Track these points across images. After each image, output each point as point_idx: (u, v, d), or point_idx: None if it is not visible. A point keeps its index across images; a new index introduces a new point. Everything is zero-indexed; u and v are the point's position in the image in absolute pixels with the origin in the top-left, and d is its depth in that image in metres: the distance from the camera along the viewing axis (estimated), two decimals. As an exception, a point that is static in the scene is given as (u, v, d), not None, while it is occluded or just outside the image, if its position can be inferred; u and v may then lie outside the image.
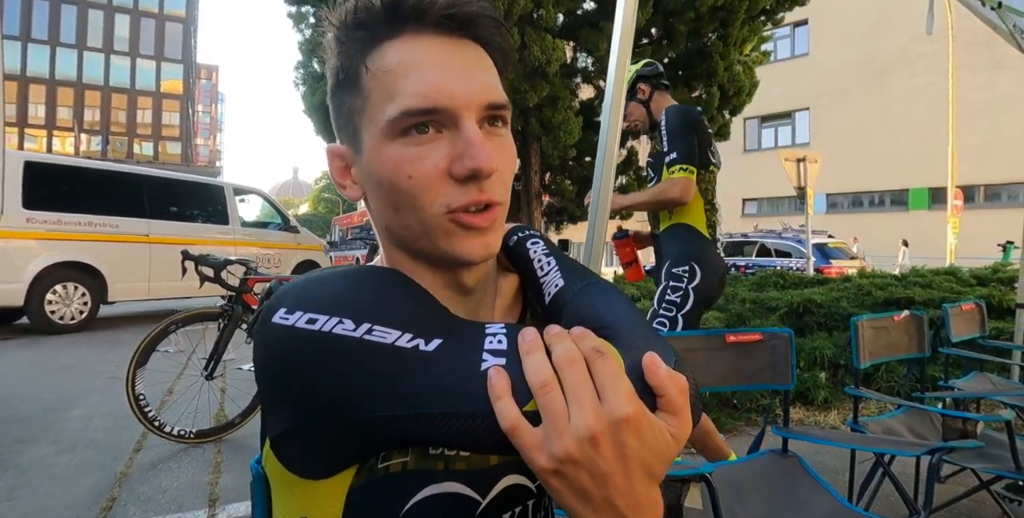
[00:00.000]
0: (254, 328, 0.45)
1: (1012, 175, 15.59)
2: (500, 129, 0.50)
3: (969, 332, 2.63)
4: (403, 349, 0.39)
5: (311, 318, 0.39)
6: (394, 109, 0.45)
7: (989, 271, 4.88)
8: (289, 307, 0.41)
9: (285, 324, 0.40)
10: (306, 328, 0.39)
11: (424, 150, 0.46)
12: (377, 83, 0.47)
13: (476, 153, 0.45)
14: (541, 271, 0.56)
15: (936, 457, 1.20)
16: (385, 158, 0.47)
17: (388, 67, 0.47)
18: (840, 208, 19.30)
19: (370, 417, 0.38)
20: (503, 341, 0.41)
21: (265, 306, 0.44)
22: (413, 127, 0.46)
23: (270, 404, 0.44)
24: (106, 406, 3.29)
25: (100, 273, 6.25)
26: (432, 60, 0.46)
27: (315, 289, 0.43)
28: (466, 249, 0.48)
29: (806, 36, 19.64)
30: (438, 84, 0.45)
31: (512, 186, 0.54)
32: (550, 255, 0.58)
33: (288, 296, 0.42)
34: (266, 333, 0.41)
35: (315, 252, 8.80)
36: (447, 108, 0.45)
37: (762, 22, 7.41)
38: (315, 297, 0.42)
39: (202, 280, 2.80)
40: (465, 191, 0.46)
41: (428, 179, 0.46)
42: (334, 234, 28.10)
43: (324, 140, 8.68)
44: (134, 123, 43.75)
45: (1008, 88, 15.46)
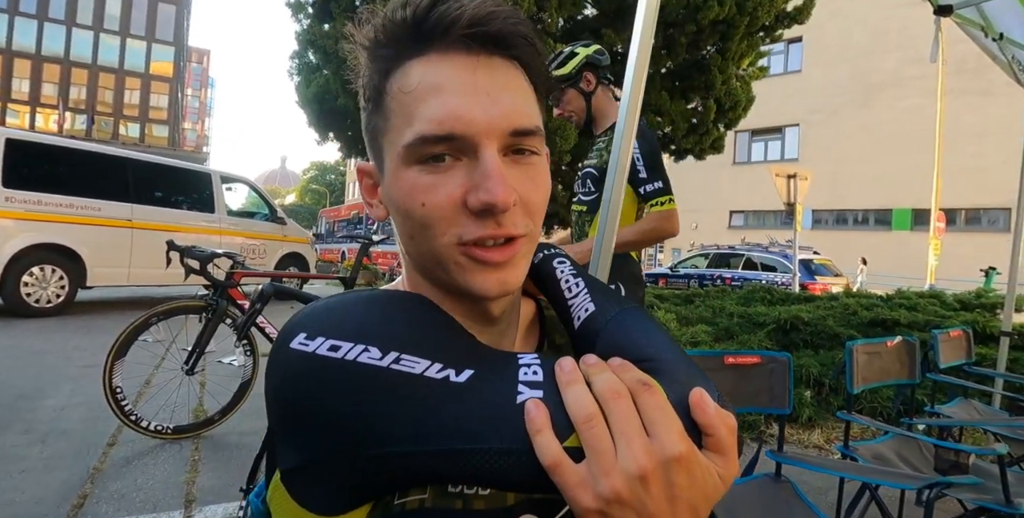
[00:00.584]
0: (270, 353, 0.41)
1: (993, 200, 15.93)
2: (528, 158, 0.47)
3: (956, 358, 2.66)
4: (433, 380, 0.37)
5: (334, 345, 0.37)
6: (410, 134, 0.43)
7: (972, 296, 4.96)
8: (310, 332, 0.38)
9: (305, 351, 0.37)
10: (328, 356, 0.37)
11: (439, 179, 0.44)
12: (398, 105, 0.45)
13: (491, 186, 0.42)
14: (569, 293, 0.54)
15: (934, 492, 1.20)
16: (401, 184, 0.45)
17: (408, 88, 0.44)
18: (824, 224, 19.56)
19: (396, 453, 0.36)
20: (538, 372, 0.39)
21: (282, 331, 0.41)
22: (430, 157, 0.43)
23: (284, 434, 0.40)
24: (80, 396, 3.20)
25: (79, 256, 6.10)
26: (454, 82, 0.43)
27: (338, 314, 0.40)
28: (479, 284, 0.45)
29: (800, 53, 19.89)
30: (456, 109, 0.43)
31: None
32: (578, 276, 0.55)
33: (308, 321, 0.40)
34: (283, 359, 0.39)
35: (302, 245, 8.69)
36: (464, 135, 0.43)
37: (761, 38, 7.47)
38: (338, 323, 0.39)
39: (187, 272, 2.72)
40: (481, 224, 0.44)
41: (441, 209, 0.44)
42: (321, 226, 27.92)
43: (316, 133, 8.56)
44: (121, 103, 42.89)
45: (993, 114, 15.79)
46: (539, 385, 0.37)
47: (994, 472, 1.79)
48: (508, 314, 0.52)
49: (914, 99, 17.18)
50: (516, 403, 0.36)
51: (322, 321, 0.39)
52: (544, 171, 0.49)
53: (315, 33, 7.54)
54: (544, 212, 0.50)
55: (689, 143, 7.89)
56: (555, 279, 0.55)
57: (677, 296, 6.29)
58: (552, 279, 0.56)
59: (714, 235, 19.70)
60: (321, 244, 21.75)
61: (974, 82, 15.95)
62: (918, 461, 1.88)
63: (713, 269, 11.49)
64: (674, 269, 12.34)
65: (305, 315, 0.41)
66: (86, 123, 39.32)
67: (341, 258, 19.75)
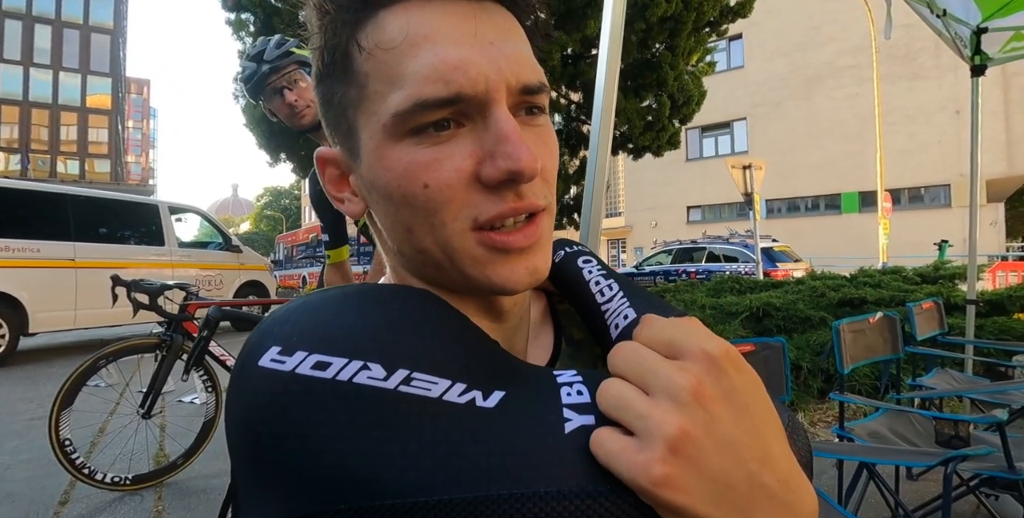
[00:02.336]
0: (231, 376, 0.31)
1: (933, 178, 16.70)
2: (538, 118, 0.38)
3: (930, 330, 2.69)
4: (455, 406, 0.29)
5: (321, 361, 0.28)
6: (402, 99, 0.34)
7: (931, 269, 5.11)
8: (285, 345, 0.29)
9: (280, 370, 0.28)
10: (314, 376, 0.28)
11: (442, 150, 0.35)
12: (375, 65, 0.36)
13: (512, 150, 0.34)
14: (601, 296, 0.45)
15: (951, 467, 1.16)
16: (391, 163, 0.36)
17: (389, 43, 0.35)
18: (778, 213, 20.13)
19: (408, 503, 0.26)
20: (583, 392, 0.30)
21: (247, 344, 0.30)
22: (431, 125, 0.34)
23: (254, 483, 0.29)
24: (27, 452, 2.93)
25: (19, 302, 5.71)
26: (448, 31, 0.35)
27: (322, 318, 0.30)
28: (506, 277, 0.36)
29: (741, 50, 20.54)
30: (460, 62, 0.34)
31: None
32: (610, 277, 0.47)
33: (282, 329, 0.30)
34: (251, 384, 0.29)
35: (260, 272, 8.41)
36: (473, 94, 0.34)
37: (707, 33, 7.66)
38: (323, 330, 0.30)
39: (136, 308, 2.53)
40: (498, 199, 0.35)
41: (449, 187, 0.35)
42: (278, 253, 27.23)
43: (267, 154, 8.32)
44: (57, 140, 41.05)
45: (924, 97, 16.64)
46: (589, 409, 0.29)
47: (989, 439, 1.79)
48: (519, 308, 0.44)
49: (850, 88, 17.93)
50: (565, 433, 0.28)
51: (301, 329, 0.30)
52: (553, 132, 0.40)
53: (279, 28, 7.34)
54: (556, 183, 0.41)
55: (646, 140, 7.98)
56: (582, 281, 0.46)
57: (648, 293, 6.31)
58: (579, 281, 0.47)
59: (674, 231, 20.03)
60: (280, 270, 21.19)
61: (905, 67, 16.79)
62: (913, 435, 1.86)
63: (677, 264, 11.62)
64: (639, 267, 12.44)
65: (276, 320, 0.31)
66: (21, 162, 37.51)
67: (302, 283, 19.27)
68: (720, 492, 0.26)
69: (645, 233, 22.60)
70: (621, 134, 7.96)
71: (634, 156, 8.49)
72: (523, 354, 0.46)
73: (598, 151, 1.11)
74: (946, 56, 14.80)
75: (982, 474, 1.57)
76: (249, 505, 0.30)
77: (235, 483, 0.34)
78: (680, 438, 0.26)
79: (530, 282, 0.37)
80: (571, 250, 0.50)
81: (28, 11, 39.50)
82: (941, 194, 16.92)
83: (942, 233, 12.06)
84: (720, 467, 0.26)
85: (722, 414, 0.27)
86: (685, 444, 0.26)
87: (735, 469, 0.27)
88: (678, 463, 0.26)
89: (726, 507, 0.26)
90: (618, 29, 1.10)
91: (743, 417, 0.28)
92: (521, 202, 0.36)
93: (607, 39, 1.09)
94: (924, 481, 2.32)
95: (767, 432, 0.28)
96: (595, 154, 1.13)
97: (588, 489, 0.27)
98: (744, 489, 0.27)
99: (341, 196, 0.42)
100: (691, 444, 0.26)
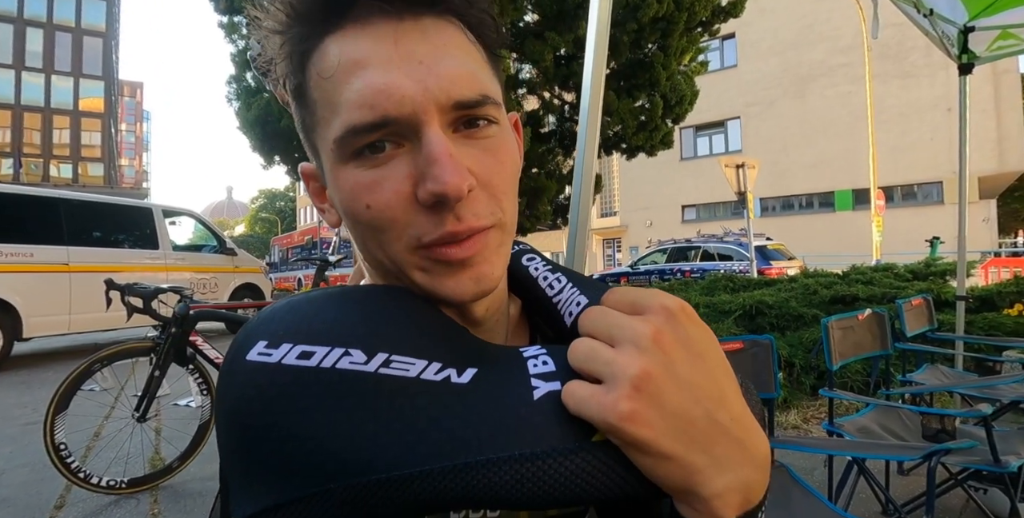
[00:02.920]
0: (220, 372, 0.33)
1: (925, 175, 16.80)
2: (484, 129, 0.38)
3: (920, 326, 2.72)
4: (432, 383, 0.31)
5: (305, 351, 0.30)
6: (338, 126, 0.36)
7: (922, 266, 5.15)
8: (271, 339, 0.30)
9: (267, 362, 0.30)
10: (299, 365, 0.30)
11: (381, 173, 0.36)
12: (320, 93, 0.37)
13: (439, 172, 0.34)
14: (551, 289, 0.46)
15: (935, 460, 1.18)
16: (341, 183, 0.38)
17: (328, 71, 0.36)
18: (772, 211, 20.19)
19: (393, 477, 0.29)
20: (548, 362, 0.33)
21: (235, 341, 0.32)
22: (366, 147, 0.36)
23: (245, 471, 0.31)
24: (21, 457, 2.93)
25: (13, 307, 5.68)
26: (377, 54, 0.35)
27: (305, 313, 0.32)
28: (452, 288, 0.38)
29: (734, 49, 20.61)
30: (385, 87, 0.35)
31: None
32: (556, 271, 0.48)
33: (268, 325, 0.32)
34: (239, 377, 0.30)
35: (255, 275, 8.39)
36: (399, 117, 0.35)
37: (699, 33, 7.69)
38: (307, 323, 0.31)
39: (130, 311, 2.53)
40: (438, 221, 0.36)
41: (390, 208, 0.36)
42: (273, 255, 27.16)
43: (261, 157, 8.31)
44: (50, 143, 40.82)
45: (916, 95, 16.74)
46: (554, 375, 0.32)
47: (974, 433, 1.81)
48: (494, 313, 0.45)
49: (842, 86, 18.02)
50: (534, 400, 0.31)
51: (286, 323, 0.32)
52: (507, 142, 0.40)
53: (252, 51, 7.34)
54: (515, 190, 0.42)
55: (640, 140, 8.01)
56: (530, 277, 0.48)
57: (643, 292, 6.33)
58: (527, 277, 0.48)
59: (669, 230, 20.07)
60: (276, 273, 21.13)
61: (896, 66, 16.88)
62: (902, 430, 1.89)
63: (672, 263, 11.65)
64: (634, 267, 12.47)
65: (262, 319, 0.33)
66: (13, 166, 37.28)
67: (298, 285, 19.23)
68: (681, 428, 0.29)
69: (640, 232, 22.64)
70: (614, 134, 7.98)
71: (627, 156, 8.51)
72: None
73: (585, 150, 1.12)
74: (937, 54, 14.83)
75: (969, 468, 1.59)
76: (241, 497, 0.31)
77: (224, 478, 0.35)
78: (643, 377, 0.29)
79: (476, 291, 0.38)
80: (514, 249, 0.51)
81: (20, 14, 39.28)
82: (934, 191, 17.01)
83: (935, 230, 12.13)
84: (680, 404, 0.29)
85: (680, 358, 0.30)
86: (647, 383, 0.29)
87: (693, 407, 0.30)
88: (642, 399, 0.29)
89: (686, 441, 0.29)
90: (604, 28, 1.11)
91: (699, 361, 0.31)
92: (460, 225, 0.36)
93: (593, 38, 1.11)
94: (915, 475, 2.34)
95: (721, 376, 0.32)
96: (582, 154, 1.14)
97: (559, 448, 0.29)
98: (703, 425, 0.30)
99: (322, 206, 0.45)
100: (653, 383, 0.29)
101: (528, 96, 8.00)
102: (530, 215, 8.06)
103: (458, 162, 0.35)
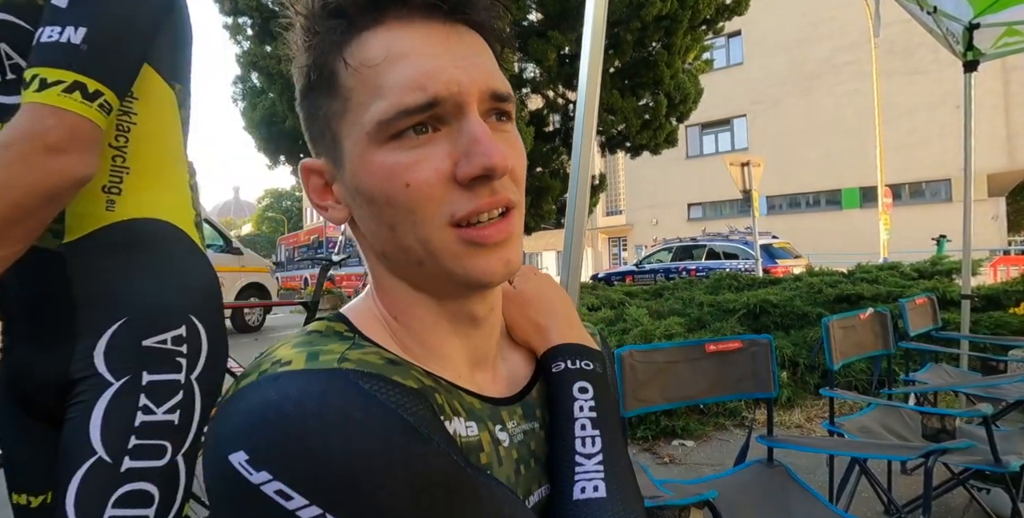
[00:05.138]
0: (204, 452, 0.35)
1: (933, 172, 16.66)
2: (506, 124, 0.43)
3: (923, 325, 2.71)
4: None
5: (284, 492, 0.30)
6: (385, 108, 0.38)
7: (928, 264, 5.12)
8: (254, 457, 0.31)
9: (248, 481, 0.31)
10: (277, 503, 0.30)
11: (423, 153, 0.39)
12: (359, 80, 0.40)
13: (486, 148, 0.38)
14: (582, 446, 0.51)
15: (932, 460, 1.18)
16: (375, 167, 0.39)
17: (373, 61, 0.39)
18: (779, 209, 20.11)
19: None
20: None
21: (216, 430, 0.33)
22: (411, 128, 0.38)
23: None
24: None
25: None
26: (425, 48, 0.39)
27: (295, 442, 0.31)
28: (482, 269, 0.40)
29: (740, 46, 20.51)
30: (436, 71, 0.38)
31: None
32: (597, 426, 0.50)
33: (252, 435, 0.32)
34: (219, 474, 0.32)
35: (261, 274, 8.44)
36: (448, 98, 0.38)
37: (703, 31, 7.66)
38: (295, 458, 0.31)
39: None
40: (473, 196, 0.39)
41: (430, 185, 0.39)
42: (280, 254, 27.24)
43: (267, 157, 8.36)
44: (58, 144, 41.17)
45: (923, 92, 16.59)
46: None
47: (976, 433, 1.81)
48: (495, 315, 0.48)
49: (849, 84, 17.89)
50: None
51: (271, 444, 0.31)
52: (520, 140, 0.45)
53: (256, 54, 7.37)
54: (524, 185, 0.46)
55: (644, 139, 7.99)
56: (569, 415, 0.47)
57: (646, 291, 6.33)
58: (565, 413, 0.47)
59: (675, 229, 20.02)
60: (282, 272, 21.20)
61: (903, 63, 16.74)
62: (903, 429, 1.88)
63: (678, 262, 11.62)
64: (639, 265, 12.44)
65: (246, 421, 0.32)
66: (22, 167, 37.58)
67: (304, 284, 19.29)
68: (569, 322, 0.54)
69: (646, 231, 22.58)
70: (618, 132, 7.97)
71: (632, 154, 8.50)
72: (493, 361, 0.50)
73: (581, 149, 1.12)
74: (945, 51, 14.72)
75: (970, 467, 1.59)
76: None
77: None
78: None
79: (505, 273, 0.41)
80: (572, 366, 0.50)
81: (28, 15, 39.57)
82: (942, 189, 16.87)
83: (943, 228, 12.01)
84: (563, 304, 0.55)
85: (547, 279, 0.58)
86: None
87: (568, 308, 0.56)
88: None
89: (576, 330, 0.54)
90: (600, 26, 1.12)
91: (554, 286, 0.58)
92: (495, 197, 0.40)
93: (589, 36, 1.11)
94: (918, 475, 2.33)
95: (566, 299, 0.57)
96: (578, 152, 1.14)
97: None
98: (571, 314, 0.55)
99: (324, 204, 0.45)
100: None
101: (532, 95, 8.01)
102: (534, 214, 8.06)
103: (498, 142, 0.39)
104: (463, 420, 0.42)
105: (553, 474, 0.46)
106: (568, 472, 0.44)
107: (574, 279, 1.11)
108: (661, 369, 1.43)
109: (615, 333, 3.92)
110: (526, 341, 0.53)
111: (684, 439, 3.04)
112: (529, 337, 0.53)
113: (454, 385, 0.44)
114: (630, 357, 1.41)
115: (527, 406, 0.49)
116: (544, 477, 0.47)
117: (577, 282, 1.16)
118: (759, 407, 3.27)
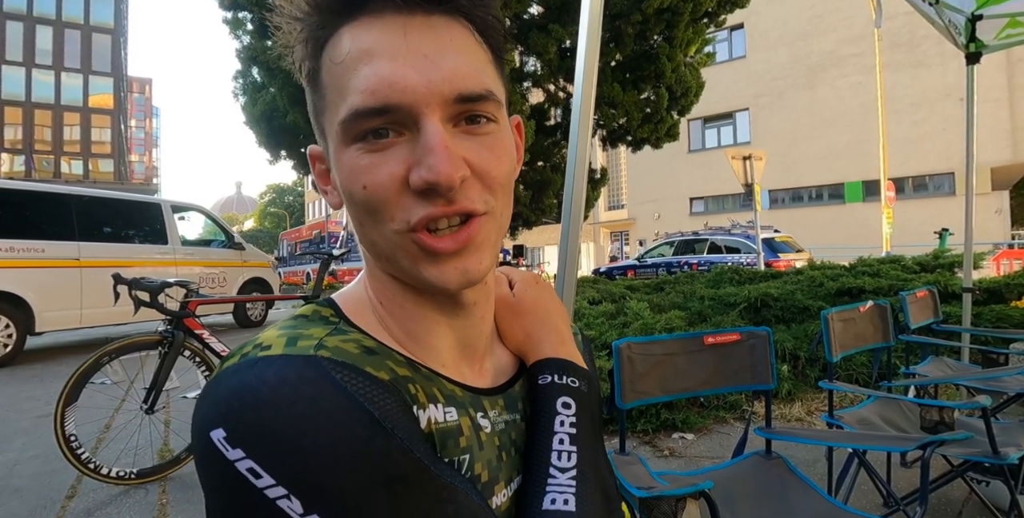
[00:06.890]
0: (192, 430, 0.37)
1: (936, 166, 16.58)
2: (482, 127, 0.40)
3: (924, 318, 2.70)
4: None
5: (255, 470, 0.32)
6: (344, 109, 0.39)
7: (930, 258, 5.09)
8: (232, 435, 0.33)
9: (224, 456, 0.33)
10: (246, 479, 0.32)
11: (381, 157, 0.38)
12: (331, 78, 0.40)
13: (433, 161, 0.37)
14: (557, 459, 0.52)
15: (929, 451, 1.18)
16: (342, 165, 0.40)
17: (339, 58, 0.39)
18: (781, 203, 20.04)
19: None
20: None
21: (201, 412, 0.35)
22: (370, 132, 0.38)
23: None
24: (34, 449, 2.99)
25: (26, 302, 5.77)
26: (384, 46, 0.38)
27: (269, 422, 0.33)
28: (436, 277, 0.40)
29: (743, 39, 20.38)
30: (389, 76, 0.37)
31: None
32: (575, 440, 0.50)
33: (231, 415, 0.33)
34: (202, 450, 0.34)
35: (263, 269, 8.45)
36: (400, 105, 0.37)
37: (705, 24, 7.60)
38: (267, 439, 0.32)
39: (137, 305, 2.57)
40: (428, 204, 0.38)
41: (384, 189, 0.38)
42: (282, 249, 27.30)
43: (267, 152, 8.35)
44: (60, 140, 41.15)
45: (927, 85, 16.48)
46: None
47: (976, 425, 1.81)
48: (482, 306, 0.47)
49: (853, 77, 17.78)
50: None
51: (247, 425, 0.33)
52: (505, 140, 0.42)
53: (257, 49, 7.36)
54: (510, 187, 0.44)
55: (645, 132, 7.96)
56: (550, 427, 0.47)
57: (647, 285, 6.31)
58: (546, 426, 0.48)
59: (676, 223, 19.98)
60: (284, 267, 21.23)
61: (907, 55, 16.62)
62: (902, 422, 1.88)
63: (679, 256, 11.60)
64: (641, 259, 12.43)
65: (225, 401, 0.34)
66: (25, 163, 37.66)
67: (306, 279, 19.30)
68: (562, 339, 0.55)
69: (648, 225, 22.54)
70: (620, 126, 7.94)
71: (633, 148, 8.47)
72: (481, 355, 0.50)
73: (578, 143, 1.12)
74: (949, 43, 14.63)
75: (968, 459, 1.59)
76: None
77: None
78: None
79: (462, 282, 0.41)
80: (559, 381, 0.50)
81: (29, 12, 39.51)
82: (945, 182, 16.79)
83: (946, 221, 11.97)
84: (559, 319, 0.57)
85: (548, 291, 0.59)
86: None
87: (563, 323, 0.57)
88: None
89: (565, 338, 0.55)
90: (596, 18, 1.11)
91: (554, 298, 0.59)
92: (450, 207, 0.38)
93: (585, 30, 1.10)
94: (917, 468, 2.33)
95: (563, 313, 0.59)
96: (575, 146, 1.14)
97: None
98: (565, 330, 0.56)
99: (326, 189, 0.47)
100: None
101: (533, 89, 7.98)
102: (535, 208, 8.05)
103: (453, 153, 0.38)
104: (441, 406, 0.41)
105: (525, 483, 0.45)
106: (541, 482, 0.44)
107: (571, 272, 1.11)
108: (659, 361, 1.43)
109: (616, 327, 3.92)
110: (517, 349, 0.54)
111: (684, 432, 3.04)
112: (521, 346, 0.54)
113: (435, 373, 0.44)
114: (628, 349, 1.41)
115: (510, 398, 0.50)
116: (523, 467, 0.47)
117: (574, 275, 1.16)
118: (759, 400, 3.27)
